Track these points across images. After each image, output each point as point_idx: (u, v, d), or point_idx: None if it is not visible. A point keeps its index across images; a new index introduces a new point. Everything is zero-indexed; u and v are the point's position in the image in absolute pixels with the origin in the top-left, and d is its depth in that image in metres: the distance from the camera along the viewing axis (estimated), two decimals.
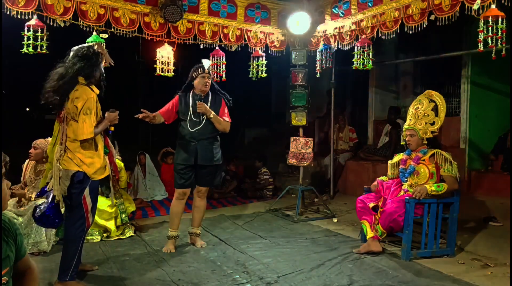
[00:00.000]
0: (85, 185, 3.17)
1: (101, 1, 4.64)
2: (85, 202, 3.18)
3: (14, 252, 1.81)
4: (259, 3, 5.70)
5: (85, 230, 3.25)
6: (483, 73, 5.96)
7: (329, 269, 3.63)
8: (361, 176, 6.74)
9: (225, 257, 3.94)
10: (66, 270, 3.14)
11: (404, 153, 4.23)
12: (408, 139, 4.12)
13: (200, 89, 4.07)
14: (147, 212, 5.85)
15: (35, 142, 4.31)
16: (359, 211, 4.22)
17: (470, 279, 3.40)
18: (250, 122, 10.55)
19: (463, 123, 6.04)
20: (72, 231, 3.21)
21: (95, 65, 3.25)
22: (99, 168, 3.22)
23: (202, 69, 4.08)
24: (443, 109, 4.11)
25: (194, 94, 4.10)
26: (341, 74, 6.99)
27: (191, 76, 4.12)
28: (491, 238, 4.42)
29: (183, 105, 4.09)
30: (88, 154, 3.17)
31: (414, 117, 4.14)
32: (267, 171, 7.31)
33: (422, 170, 3.97)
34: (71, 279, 3.14)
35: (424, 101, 4.19)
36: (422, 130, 4.07)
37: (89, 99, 3.12)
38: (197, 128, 4.03)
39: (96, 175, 3.21)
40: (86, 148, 3.17)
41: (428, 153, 4.01)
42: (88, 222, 3.24)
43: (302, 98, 5.81)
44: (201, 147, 4.04)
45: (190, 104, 4.06)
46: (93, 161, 3.19)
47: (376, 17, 4.86)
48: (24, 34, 4.33)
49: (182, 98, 4.12)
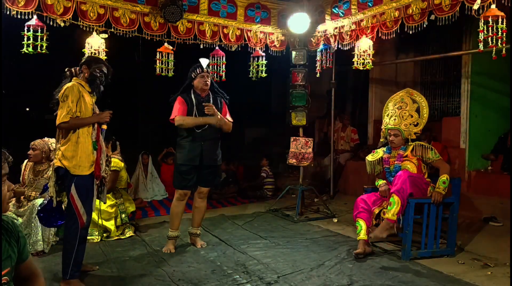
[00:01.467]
0: (69, 182, 3.16)
1: (101, 1, 4.64)
2: (73, 200, 3.16)
3: (16, 253, 1.81)
4: (259, 3, 5.69)
5: (78, 229, 3.18)
6: (483, 73, 5.95)
7: (329, 269, 3.63)
8: (361, 176, 6.72)
9: (225, 257, 3.94)
10: (65, 269, 3.16)
11: (384, 151, 4.27)
12: (392, 139, 4.18)
13: (201, 88, 4.04)
14: (147, 212, 5.85)
15: (33, 144, 4.29)
16: (360, 211, 4.12)
17: (470, 279, 3.40)
18: (250, 122, 10.55)
19: (463, 123, 6.03)
20: (66, 230, 3.25)
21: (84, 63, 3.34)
22: (81, 163, 3.17)
23: (200, 68, 4.04)
24: (426, 110, 4.21)
25: (196, 94, 4.07)
26: (341, 74, 6.98)
27: (190, 76, 4.08)
28: (491, 238, 4.42)
29: (188, 106, 4.03)
30: (70, 148, 3.16)
31: (399, 117, 4.20)
32: (267, 169, 7.31)
33: (409, 166, 4.03)
34: (71, 277, 3.15)
35: (407, 101, 4.26)
36: (407, 131, 4.15)
37: (68, 88, 3.17)
38: (203, 128, 3.99)
39: (77, 170, 3.16)
40: (68, 142, 3.17)
41: (408, 149, 4.11)
42: (81, 221, 3.19)
43: (302, 98, 5.81)
44: (207, 147, 4.01)
45: (194, 104, 4.02)
46: (74, 155, 3.16)
47: (376, 17, 4.86)
48: (24, 34, 4.33)
49: (185, 98, 4.06)
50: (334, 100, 6.84)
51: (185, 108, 4.00)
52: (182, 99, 4.05)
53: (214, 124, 4.00)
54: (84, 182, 3.21)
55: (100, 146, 3.34)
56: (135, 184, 6.69)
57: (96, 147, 3.30)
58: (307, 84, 5.83)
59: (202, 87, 4.04)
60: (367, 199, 4.17)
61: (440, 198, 3.84)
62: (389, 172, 4.18)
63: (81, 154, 3.18)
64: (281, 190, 6.66)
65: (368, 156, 4.45)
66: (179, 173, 4.06)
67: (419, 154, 4.06)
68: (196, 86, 4.06)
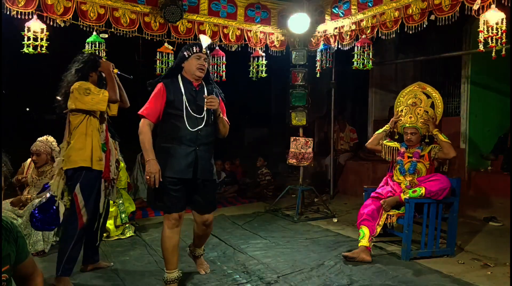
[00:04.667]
0: (75, 181, 3.16)
1: (101, 1, 4.65)
2: (76, 199, 3.15)
3: (15, 252, 1.83)
4: (259, 3, 5.70)
5: (77, 230, 3.17)
6: (483, 73, 5.96)
7: (329, 269, 3.63)
8: (361, 176, 6.75)
9: (225, 257, 3.94)
10: (58, 265, 3.14)
11: (401, 144, 4.27)
12: (410, 137, 4.18)
13: (193, 73, 3.02)
14: (147, 212, 5.85)
15: (36, 149, 4.21)
16: (364, 219, 3.97)
17: (470, 279, 3.40)
18: (250, 122, 10.55)
19: (463, 123, 6.04)
20: (64, 229, 3.27)
21: (90, 68, 3.32)
22: (90, 156, 3.17)
23: (198, 47, 3.04)
24: (441, 105, 4.22)
25: (186, 81, 3.06)
26: (341, 74, 6.98)
27: (182, 56, 3.06)
28: (491, 238, 4.42)
29: (173, 95, 2.98)
30: (79, 140, 3.18)
31: (414, 115, 4.20)
32: (269, 171, 7.32)
33: (423, 168, 4.07)
34: (62, 274, 3.13)
35: (421, 97, 4.27)
36: (424, 128, 4.16)
37: (83, 82, 3.19)
38: (199, 127, 2.98)
39: (85, 162, 3.15)
40: (77, 135, 3.19)
41: (425, 149, 4.12)
42: (81, 221, 3.17)
43: (302, 98, 5.82)
44: (202, 154, 2.99)
45: (184, 95, 2.99)
46: (83, 147, 3.17)
47: (376, 17, 4.86)
48: (24, 34, 4.33)
49: (169, 86, 3.01)
50: (334, 100, 6.84)
51: (157, 106, 2.97)
52: (162, 90, 2.98)
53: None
54: (90, 182, 3.21)
55: (109, 148, 3.38)
56: (135, 184, 6.68)
57: (105, 149, 3.32)
58: (307, 84, 5.84)
59: (195, 73, 3.01)
60: (371, 207, 4.02)
61: (431, 123, 4.04)
62: (402, 164, 4.16)
63: (90, 146, 3.19)
64: (281, 190, 6.66)
65: (385, 140, 4.40)
66: (164, 190, 2.92)
67: (435, 152, 4.07)
68: (187, 70, 3.05)
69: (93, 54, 3.43)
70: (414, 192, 3.86)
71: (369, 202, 4.10)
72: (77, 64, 3.31)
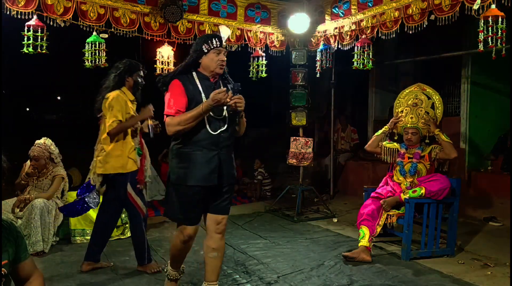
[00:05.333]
0: (123, 183, 3.41)
1: (101, 1, 4.65)
2: (131, 197, 3.47)
3: (14, 250, 1.85)
4: (259, 3, 5.70)
5: (142, 222, 3.58)
6: (483, 73, 5.96)
7: (329, 269, 3.63)
8: (361, 176, 6.74)
9: (225, 257, 3.93)
10: (142, 254, 3.57)
11: (401, 146, 4.27)
12: (410, 137, 4.18)
13: (214, 71, 2.71)
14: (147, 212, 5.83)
15: (34, 155, 4.22)
16: (364, 219, 3.98)
17: (470, 279, 3.40)
18: (250, 122, 10.49)
19: (463, 123, 6.04)
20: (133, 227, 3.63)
21: (127, 72, 3.50)
22: (129, 159, 3.41)
23: (218, 40, 2.72)
24: (441, 106, 4.22)
25: (202, 77, 2.73)
26: (341, 74, 6.99)
27: (199, 49, 2.70)
28: (491, 238, 4.43)
29: (191, 94, 2.64)
30: (117, 147, 3.37)
31: (415, 116, 4.20)
32: (263, 171, 7.26)
33: (423, 169, 4.06)
34: (148, 261, 3.57)
35: (422, 98, 4.27)
36: (425, 129, 4.17)
37: (113, 98, 3.34)
38: (222, 129, 2.68)
39: (128, 166, 3.39)
40: (114, 142, 3.37)
41: (426, 150, 4.12)
42: (142, 212, 3.57)
43: (302, 98, 5.82)
44: (225, 157, 2.72)
45: (202, 92, 2.66)
46: (121, 154, 3.38)
47: (376, 17, 4.86)
48: (24, 34, 4.32)
49: (186, 83, 2.67)
50: (334, 100, 6.83)
51: (183, 102, 2.61)
52: (180, 84, 2.64)
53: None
54: (134, 179, 3.47)
55: (144, 152, 3.63)
56: None
57: (141, 153, 3.56)
58: (307, 84, 5.84)
59: (216, 70, 2.71)
60: (371, 207, 4.03)
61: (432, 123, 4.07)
62: (403, 166, 4.16)
63: (127, 152, 3.41)
64: (281, 190, 6.66)
65: (385, 141, 4.41)
66: (186, 200, 2.66)
67: (436, 152, 4.07)
68: (205, 66, 2.72)
69: (129, 60, 3.59)
70: (414, 192, 3.87)
71: (369, 202, 4.10)
72: (115, 70, 3.50)
